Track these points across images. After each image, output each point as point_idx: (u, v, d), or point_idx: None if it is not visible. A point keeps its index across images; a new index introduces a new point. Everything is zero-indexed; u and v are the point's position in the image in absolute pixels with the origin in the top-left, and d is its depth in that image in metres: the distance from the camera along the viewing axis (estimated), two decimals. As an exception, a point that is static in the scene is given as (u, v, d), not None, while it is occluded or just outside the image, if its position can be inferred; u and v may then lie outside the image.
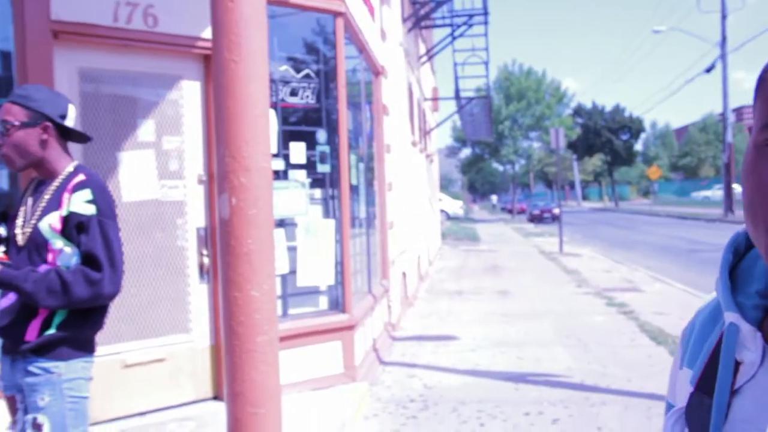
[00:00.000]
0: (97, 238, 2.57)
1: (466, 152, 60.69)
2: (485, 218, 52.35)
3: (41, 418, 2.50)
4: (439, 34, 16.09)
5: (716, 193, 46.14)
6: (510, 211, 54.92)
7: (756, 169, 0.74)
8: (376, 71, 7.87)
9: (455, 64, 16.32)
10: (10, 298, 2.55)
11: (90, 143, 4.51)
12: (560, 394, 5.69)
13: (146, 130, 4.77)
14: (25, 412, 2.55)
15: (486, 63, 16.37)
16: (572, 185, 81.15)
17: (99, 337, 4.52)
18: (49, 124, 2.62)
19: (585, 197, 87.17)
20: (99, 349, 4.51)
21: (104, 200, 2.64)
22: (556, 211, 28.85)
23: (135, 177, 4.67)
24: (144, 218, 4.74)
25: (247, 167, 3.31)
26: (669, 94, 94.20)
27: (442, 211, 34.69)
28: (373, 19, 7.61)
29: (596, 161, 70.19)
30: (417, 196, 13.60)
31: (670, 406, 1.01)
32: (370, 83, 7.82)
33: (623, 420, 5.02)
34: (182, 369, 4.92)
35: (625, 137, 63.64)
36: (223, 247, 3.41)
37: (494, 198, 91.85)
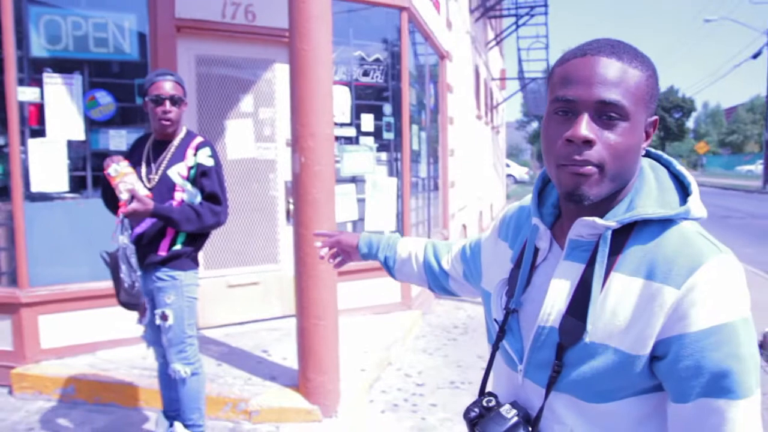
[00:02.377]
0: (215, 182, 2.99)
1: (534, 125, 59.63)
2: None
3: (167, 311, 2.94)
4: (506, 22, 15.88)
5: (758, 167, 43.41)
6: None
7: (546, 128, 1.02)
8: (441, 55, 7.98)
9: (518, 49, 16.08)
10: (143, 225, 2.96)
11: (203, 113, 4.93)
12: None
13: (246, 103, 5.14)
14: (153, 308, 2.99)
15: (546, 48, 16.06)
16: (628, 156, 77.58)
17: (211, 262, 5.01)
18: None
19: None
20: (210, 272, 5.02)
21: (217, 156, 3.05)
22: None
23: (237, 140, 5.06)
24: (243, 173, 5.15)
25: (313, 133, 3.60)
26: (718, 78, 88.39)
27: (509, 175, 34.26)
28: (439, 12, 7.70)
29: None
30: (481, 162, 13.63)
31: (477, 243, 1.44)
32: (436, 65, 7.95)
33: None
34: (272, 291, 5.35)
35: (677, 115, 60.73)
36: (295, 195, 3.75)
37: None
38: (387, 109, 5.90)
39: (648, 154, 1.09)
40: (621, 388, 0.97)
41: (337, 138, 5.49)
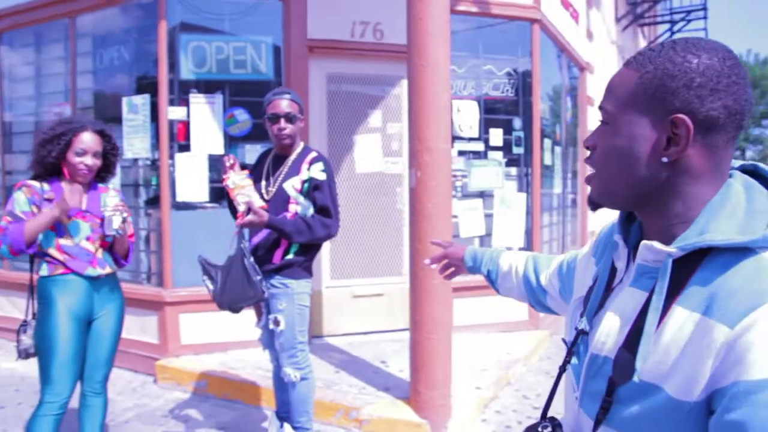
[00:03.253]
0: (327, 196, 3.08)
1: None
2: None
3: (279, 317, 3.06)
4: (661, 28, 14.87)
5: None
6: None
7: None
8: (581, 67, 7.65)
9: (674, 58, 15.00)
10: (259, 236, 3.11)
11: (333, 128, 5.10)
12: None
13: (375, 118, 5.25)
14: (268, 312, 3.13)
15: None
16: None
17: (337, 272, 5.16)
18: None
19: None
20: (336, 281, 5.16)
21: (330, 170, 3.14)
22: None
23: (365, 154, 5.18)
24: (371, 186, 5.25)
25: (429, 148, 3.59)
26: None
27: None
28: (578, 23, 7.39)
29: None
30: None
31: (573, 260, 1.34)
32: (575, 78, 7.63)
33: None
34: (396, 303, 5.38)
35: None
36: (410, 209, 3.74)
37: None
38: (517, 123, 5.75)
39: (755, 171, 0.93)
40: None
41: (465, 152, 5.44)
